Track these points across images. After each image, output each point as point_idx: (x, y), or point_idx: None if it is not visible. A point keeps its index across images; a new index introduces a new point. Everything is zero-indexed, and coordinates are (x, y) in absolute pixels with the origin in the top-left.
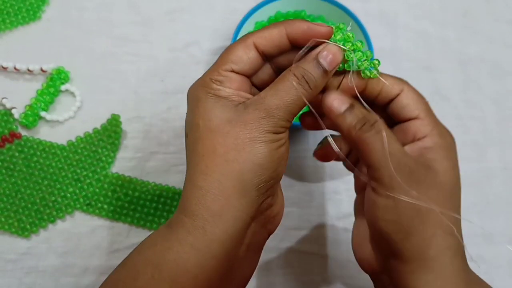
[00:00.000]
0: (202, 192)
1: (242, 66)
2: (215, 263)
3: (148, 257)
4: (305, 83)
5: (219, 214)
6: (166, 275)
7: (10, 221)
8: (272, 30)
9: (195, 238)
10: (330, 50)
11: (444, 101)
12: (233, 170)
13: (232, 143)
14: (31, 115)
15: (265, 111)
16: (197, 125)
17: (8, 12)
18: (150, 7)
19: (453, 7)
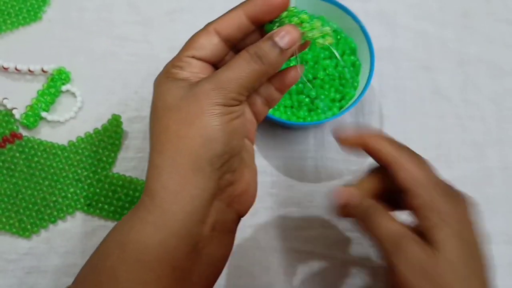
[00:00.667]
0: (158, 170)
1: (204, 52)
2: (176, 241)
3: (115, 238)
4: (257, 59)
5: (175, 191)
6: (130, 255)
7: (11, 221)
8: (230, 14)
9: (155, 216)
10: (286, 30)
11: (444, 100)
12: (185, 146)
13: (183, 118)
14: (32, 115)
15: (215, 83)
16: (156, 107)
17: (9, 12)
18: (150, 7)
19: (452, 7)
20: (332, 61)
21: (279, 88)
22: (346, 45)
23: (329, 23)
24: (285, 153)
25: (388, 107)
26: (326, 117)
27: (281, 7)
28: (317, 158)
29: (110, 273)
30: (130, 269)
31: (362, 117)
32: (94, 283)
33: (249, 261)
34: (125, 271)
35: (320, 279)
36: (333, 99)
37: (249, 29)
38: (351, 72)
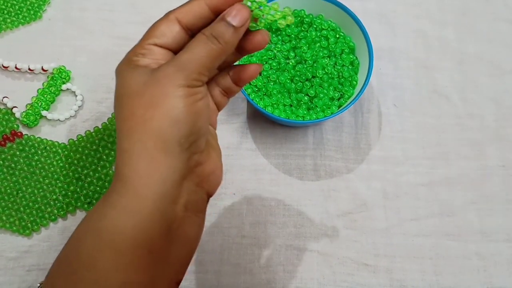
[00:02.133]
0: (127, 154)
1: (165, 40)
2: (150, 223)
3: (88, 225)
4: (214, 39)
5: (146, 173)
6: (105, 241)
7: (12, 220)
8: (191, 3)
9: (127, 200)
10: (236, 8)
11: (443, 99)
12: (152, 128)
13: (148, 102)
14: (32, 114)
15: (176, 65)
16: (120, 94)
17: (9, 11)
18: (151, 6)
19: (452, 6)
20: (331, 59)
21: (237, 81)
22: (345, 43)
23: (328, 22)
24: (284, 151)
25: (387, 105)
26: (325, 115)
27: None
28: (316, 156)
29: (86, 261)
30: (105, 255)
31: (361, 116)
32: (70, 272)
33: (248, 259)
34: (101, 257)
35: (319, 277)
36: (332, 97)
37: (209, 18)
38: (350, 70)
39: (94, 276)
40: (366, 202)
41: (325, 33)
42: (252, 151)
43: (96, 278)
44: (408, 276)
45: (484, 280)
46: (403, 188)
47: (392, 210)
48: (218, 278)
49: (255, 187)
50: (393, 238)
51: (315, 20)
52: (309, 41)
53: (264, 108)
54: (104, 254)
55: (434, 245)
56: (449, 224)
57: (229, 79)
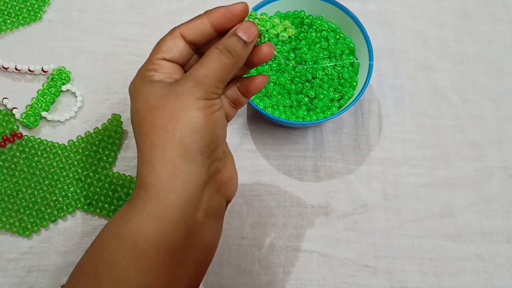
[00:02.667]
0: (151, 164)
1: (173, 54)
2: (173, 228)
3: (111, 230)
4: (227, 52)
5: (169, 181)
6: (128, 245)
7: (12, 221)
8: (196, 21)
9: (151, 206)
10: (245, 25)
11: (443, 100)
12: (174, 138)
13: (169, 115)
14: (32, 115)
15: (194, 81)
16: (138, 109)
17: (9, 12)
18: (151, 8)
19: (451, 7)
20: (331, 61)
21: (245, 93)
22: (345, 45)
23: (328, 23)
24: (284, 152)
25: (387, 106)
26: (325, 116)
27: (242, 15)
28: (316, 158)
29: (108, 262)
30: (128, 257)
31: (361, 117)
32: (92, 274)
33: (249, 260)
34: (123, 260)
35: (319, 278)
36: (332, 98)
37: (212, 35)
38: (350, 72)
39: (115, 279)
40: (366, 203)
41: (325, 34)
42: (252, 152)
43: (118, 281)
44: (408, 277)
45: (484, 281)
46: (403, 189)
47: (392, 211)
48: (218, 279)
49: (255, 188)
50: (393, 239)
51: (315, 21)
52: (309, 42)
53: (264, 109)
54: (127, 258)
55: (434, 246)
56: (449, 225)
57: (237, 91)
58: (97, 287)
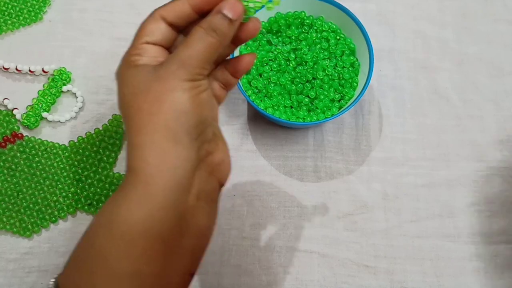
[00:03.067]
0: (138, 148)
1: (155, 38)
2: (163, 214)
3: (101, 218)
4: (212, 32)
5: (157, 165)
6: (117, 233)
7: (12, 221)
8: (175, 2)
9: (139, 191)
10: (230, 2)
11: (443, 100)
12: (160, 121)
13: (153, 98)
14: (33, 115)
15: (179, 62)
16: (123, 94)
17: (9, 13)
18: (151, 8)
19: (451, 7)
20: (331, 61)
21: (234, 73)
22: (346, 45)
23: (328, 23)
24: (285, 152)
25: (387, 107)
26: (326, 117)
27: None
28: (317, 158)
29: (98, 252)
30: (117, 246)
31: (361, 117)
32: (84, 264)
33: (249, 260)
34: (113, 248)
35: (319, 278)
36: (332, 99)
37: (193, 17)
38: (350, 72)
39: (106, 267)
40: (366, 204)
41: (326, 34)
42: (253, 153)
43: (108, 269)
44: (409, 277)
45: (484, 281)
46: (404, 190)
47: (393, 211)
48: (219, 279)
49: (256, 189)
50: (394, 239)
51: (316, 21)
52: (309, 43)
53: (265, 109)
54: (116, 245)
55: (435, 247)
56: (450, 226)
57: (227, 72)
58: (90, 276)
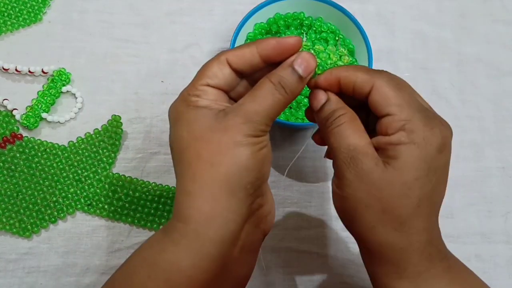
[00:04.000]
0: (192, 196)
1: (217, 81)
2: (208, 264)
3: (144, 257)
4: (281, 88)
5: (210, 216)
6: (160, 275)
7: (12, 222)
8: (244, 49)
9: (188, 240)
10: (303, 57)
11: (442, 101)
12: (219, 173)
13: (215, 148)
14: (32, 116)
15: (244, 116)
16: (181, 136)
17: (9, 14)
18: (151, 9)
19: (450, 8)
20: None
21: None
22: (345, 46)
23: (327, 24)
24: (284, 153)
25: None
26: None
27: (294, 49)
28: (316, 158)
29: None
30: (159, 287)
31: None
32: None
33: None
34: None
35: (318, 278)
36: None
37: (260, 66)
38: None
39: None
40: None
41: (325, 35)
42: None
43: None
44: None
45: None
46: None
47: None
48: None
49: None
50: None
51: (315, 22)
52: None
53: None
54: (157, 285)
55: None
56: (449, 226)
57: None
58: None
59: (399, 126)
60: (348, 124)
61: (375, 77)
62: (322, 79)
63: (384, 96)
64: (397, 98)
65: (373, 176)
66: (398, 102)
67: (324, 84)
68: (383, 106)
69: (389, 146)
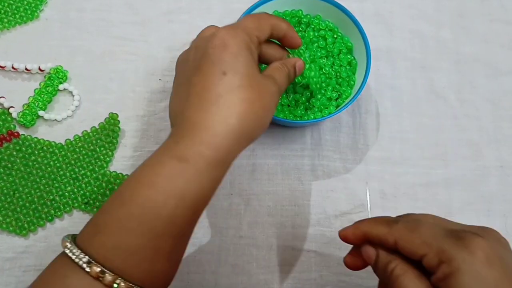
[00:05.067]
0: (206, 115)
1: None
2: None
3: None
4: (289, 75)
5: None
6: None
7: (8, 220)
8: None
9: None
10: (301, 63)
11: (440, 100)
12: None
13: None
14: (29, 114)
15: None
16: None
17: (6, 11)
18: (149, 7)
19: (448, 7)
20: (328, 60)
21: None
22: (343, 44)
23: (325, 22)
24: (282, 151)
25: (385, 106)
26: (323, 115)
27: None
28: (314, 157)
29: (146, 183)
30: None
31: (358, 116)
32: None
33: (246, 259)
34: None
35: (317, 277)
36: (329, 97)
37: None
38: (348, 71)
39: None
40: (364, 203)
41: (323, 33)
42: (250, 152)
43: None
44: None
45: None
46: (401, 189)
47: (390, 210)
48: (216, 278)
49: (253, 188)
50: None
51: (313, 20)
52: (307, 41)
53: None
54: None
55: None
56: None
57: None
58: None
59: (437, 262)
60: (404, 276)
61: (393, 228)
62: (350, 234)
63: (408, 242)
64: (417, 236)
65: None
66: (420, 240)
67: (353, 239)
68: (412, 251)
69: (440, 283)
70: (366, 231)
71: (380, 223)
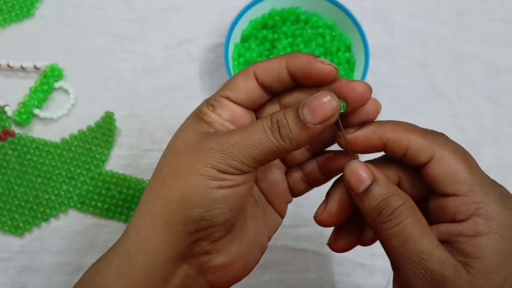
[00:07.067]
0: (137, 211)
1: (238, 94)
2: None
3: (83, 280)
4: (276, 130)
5: (144, 239)
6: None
7: (4, 220)
8: (273, 60)
9: (120, 261)
10: (319, 99)
11: (439, 98)
12: (165, 196)
13: (175, 168)
14: (25, 112)
15: (221, 144)
16: (169, 142)
17: (1, 9)
18: (146, 5)
19: (448, 5)
20: (327, 57)
21: (324, 170)
22: (341, 41)
23: (324, 20)
24: None
25: (384, 104)
26: None
27: (325, 78)
28: None
29: None
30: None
31: None
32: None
33: None
34: None
35: (315, 277)
36: None
37: (288, 81)
38: (346, 69)
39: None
40: None
41: (321, 31)
42: None
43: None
44: None
45: None
46: None
47: None
48: None
49: None
50: None
51: (311, 18)
52: (305, 39)
53: None
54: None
55: None
56: None
57: (316, 165)
58: None
59: (471, 211)
60: (412, 220)
61: (436, 145)
62: (362, 140)
63: (451, 171)
64: (467, 174)
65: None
66: (469, 179)
67: (364, 146)
68: (449, 183)
69: (462, 238)
70: (390, 139)
71: (415, 131)
